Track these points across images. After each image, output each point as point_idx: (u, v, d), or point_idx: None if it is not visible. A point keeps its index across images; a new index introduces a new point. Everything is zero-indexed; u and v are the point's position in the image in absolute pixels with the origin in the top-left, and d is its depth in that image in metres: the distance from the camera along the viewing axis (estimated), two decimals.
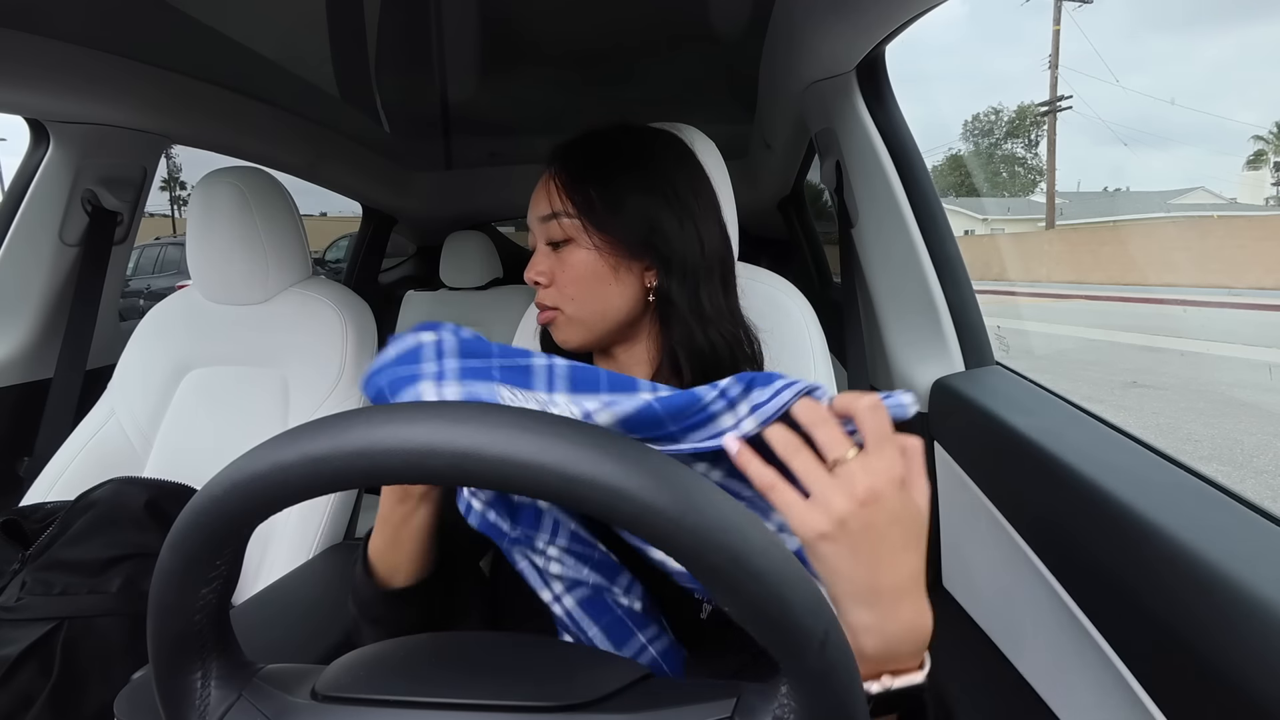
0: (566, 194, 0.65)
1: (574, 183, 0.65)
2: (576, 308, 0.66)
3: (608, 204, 0.64)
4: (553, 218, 0.65)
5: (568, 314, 0.66)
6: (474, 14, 1.21)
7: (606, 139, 0.69)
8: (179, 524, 0.31)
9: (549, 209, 0.66)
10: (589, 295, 0.66)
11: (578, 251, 0.65)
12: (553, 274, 0.66)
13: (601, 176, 0.65)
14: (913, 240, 1.00)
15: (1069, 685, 0.62)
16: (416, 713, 0.33)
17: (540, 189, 0.68)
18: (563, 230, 0.65)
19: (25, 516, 0.94)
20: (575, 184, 0.65)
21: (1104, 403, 5.08)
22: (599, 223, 0.64)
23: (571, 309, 0.66)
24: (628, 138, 0.69)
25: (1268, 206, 30.82)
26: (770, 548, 0.28)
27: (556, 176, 0.66)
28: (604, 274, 0.65)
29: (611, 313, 0.66)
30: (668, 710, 0.33)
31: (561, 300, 0.66)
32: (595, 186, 0.65)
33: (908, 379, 1.03)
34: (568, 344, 0.68)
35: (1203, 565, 0.46)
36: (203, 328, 1.16)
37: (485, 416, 0.28)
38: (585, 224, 0.65)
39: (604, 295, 0.66)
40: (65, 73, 1.13)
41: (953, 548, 0.92)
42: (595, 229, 0.64)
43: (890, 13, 0.84)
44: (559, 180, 0.66)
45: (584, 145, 0.69)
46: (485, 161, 2.32)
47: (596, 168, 0.66)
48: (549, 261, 0.67)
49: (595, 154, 0.68)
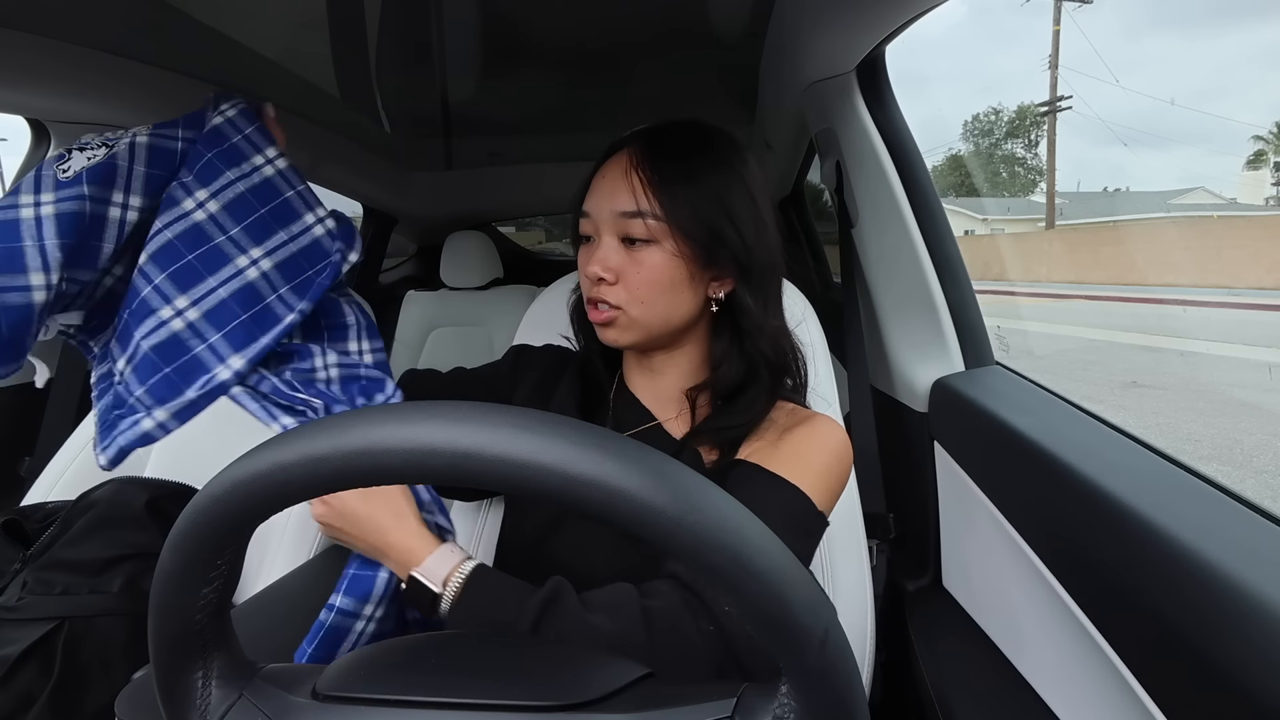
0: (654, 193, 0.61)
1: (663, 182, 0.61)
2: (643, 311, 0.63)
3: (697, 211, 0.61)
4: (637, 216, 0.61)
5: (632, 316, 0.63)
6: (474, 14, 1.21)
7: (691, 135, 0.65)
8: (180, 524, 0.31)
9: (634, 206, 0.61)
10: (660, 300, 0.63)
11: (657, 254, 0.62)
12: (621, 272, 0.62)
13: (690, 178, 0.62)
14: (913, 240, 1.01)
15: (1069, 685, 0.62)
16: (416, 713, 0.33)
17: (619, 179, 0.63)
18: (647, 230, 0.61)
19: (26, 516, 0.95)
20: (664, 184, 0.61)
21: (1104, 403, 5.08)
22: (686, 230, 0.61)
23: (638, 312, 0.63)
24: (708, 136, 0.66)
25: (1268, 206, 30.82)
26: (770, 547, 0.28)
27: (641, 170, 0.62)
28: (679, 281, 0.62)
29: (674, 320, 0.64)
30: (668, 710, 0.33)
31: (629, 302, 0.63)
32: (684, 189, 0.61)
33: (908, 379, 1.03)
34: (618, 343, 0.65)
35: (1202, 565, 0.46)
36: None
37: (485, 416, 0.28)
38: (673, 229, 0.61)
39: (674, 302, 0.63)
40: (65, 73, 1.13)
41: (953, 548, 0.92)
42: (683, 236, 0.61)
43: (890, 13, 0.84)
44: (644, 175, 0.62)
45: (669, 139, 0.64)
46: (485, 161, 2.32)
47: (685, 167, 0.62)
48: (619, 258, 0.62)
49: (683, 151, 0.63)
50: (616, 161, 0.64)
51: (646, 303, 0.63)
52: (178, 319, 0.57)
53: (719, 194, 0.62)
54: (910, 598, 0.96)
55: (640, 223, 0.61)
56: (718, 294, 0.65)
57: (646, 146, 0.63)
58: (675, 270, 0.62)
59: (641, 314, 0.63)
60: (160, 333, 0.57)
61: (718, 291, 0.65)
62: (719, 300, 0.65)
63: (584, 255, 0.65)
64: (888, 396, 1.12)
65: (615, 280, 0.63)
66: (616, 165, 0.64)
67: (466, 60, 1.41)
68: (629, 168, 0.62)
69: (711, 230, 0.61)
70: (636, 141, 0.64)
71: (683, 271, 0.62)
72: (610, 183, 0.63)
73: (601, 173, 0.65)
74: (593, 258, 0.63)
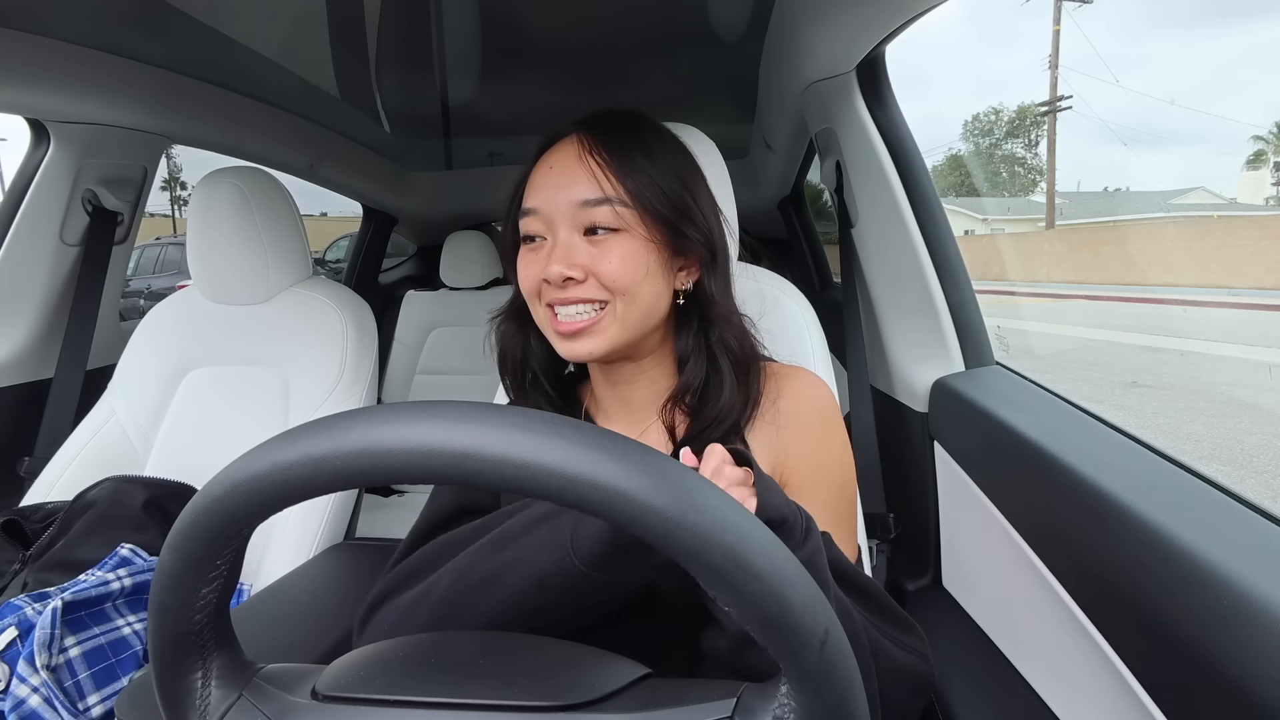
0: (618, 176, 0.57)
1: (625, 164, 0.57)
2: (626, 306, 0.58)
3: (664, 191, 0.58)
4: (604, 203, 0.56)
5: (617, 313, 0.58)
6: (474, 14, 1.21)
7: (636, 118, 0.62)
8: (179, 524, 0.31)
9: (598, 192, 0.56)
10: (641, 291, 0.58)
11: (628, 242, 0.57)
12: (591, 269, 0.57)
13: (651, 157, 0.58)
14: (913, 240, 1.00)
15: (1069, 685, 0.62)
16: (416, 712, 0.33)
17: (572, 166, 0.58)
18: (615, 217, 0.57)
19: (26, 516, 0.95)
20: (626, 165, 0.57)
21: (1104, 402, 5.08)
22: (655, 212, 0.57)
23: (621, 307, 0.57)
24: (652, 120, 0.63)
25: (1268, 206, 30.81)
26: (770, 547, 0.28)
27: (598, 154, 0.57)
28: (654, 270, 0.58)
29: (654, 315, 0.60)
30: (668, 710, 0.33)
31: (610, 297, 0.57)
32: (648, 168, 0.58)
33: (908, 379, 1.03)
34: (592, 355, 0.58)
35: (1202, 565, 0.46)
36: (203, 328, 1.16)
37: (485, 416, 0.28)
38: (642, 213, 0.57)
39: (652, 293, 0.59)
40: (65, 73, 1.13)
41: (952, 547, 0.92)
42: (652, 219, 0.57)
43: (890, 13, 0.84)
44: (603, 158, 0.57)
45: (622, 124, 0.60)
46: (485, 161, 2.32)
47: (643, 147, 0.59)
48: (585, 253, 0.57)
49: (636, 132, 0.60)
50: (563, 150, 0.59)
51: (629, 294, 0.57)
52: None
53: (679, 173, 0.59)
54: (910, 598, 0.96)
55: (607, 209, 0.56)
56: (685, 285, 0.62)
57: (596, 131, 0.59)
58: (649, 257, 0.58)
59: (625, 309, 0.58)
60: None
61: (685, 283, 0.62)
62: (685, 292, 0.62)
63: (532, 259, 0.59)
64: (888, 396, 1.12)
65: (585, 278, 0.57)
66: (564, 153, 0.59)
67: (466, 60, 1.41)
68: (582, 153, 0.58)
69: (679, 210, 0.59)
70: (582, 128, 0.60)
71: (655, 259, 0.58)
72: (562, 173, 0.58)
73: (546, 164, 0.60)
74: (553, 257, 0.57)
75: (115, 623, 0.80)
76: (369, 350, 1.14)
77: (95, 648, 0.76)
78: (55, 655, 0.72)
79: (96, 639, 0.77)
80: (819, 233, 2.28)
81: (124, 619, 0.81)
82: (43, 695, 0.69)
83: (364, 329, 1.14)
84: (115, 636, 0.79)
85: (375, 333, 1.17)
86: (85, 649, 0.75)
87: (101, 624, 0.78)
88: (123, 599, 0.82)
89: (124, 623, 0.81)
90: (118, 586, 0.81)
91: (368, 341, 1.14)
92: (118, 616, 0.81)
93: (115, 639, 0.79)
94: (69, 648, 0.74)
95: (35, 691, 0.69)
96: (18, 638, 0.72)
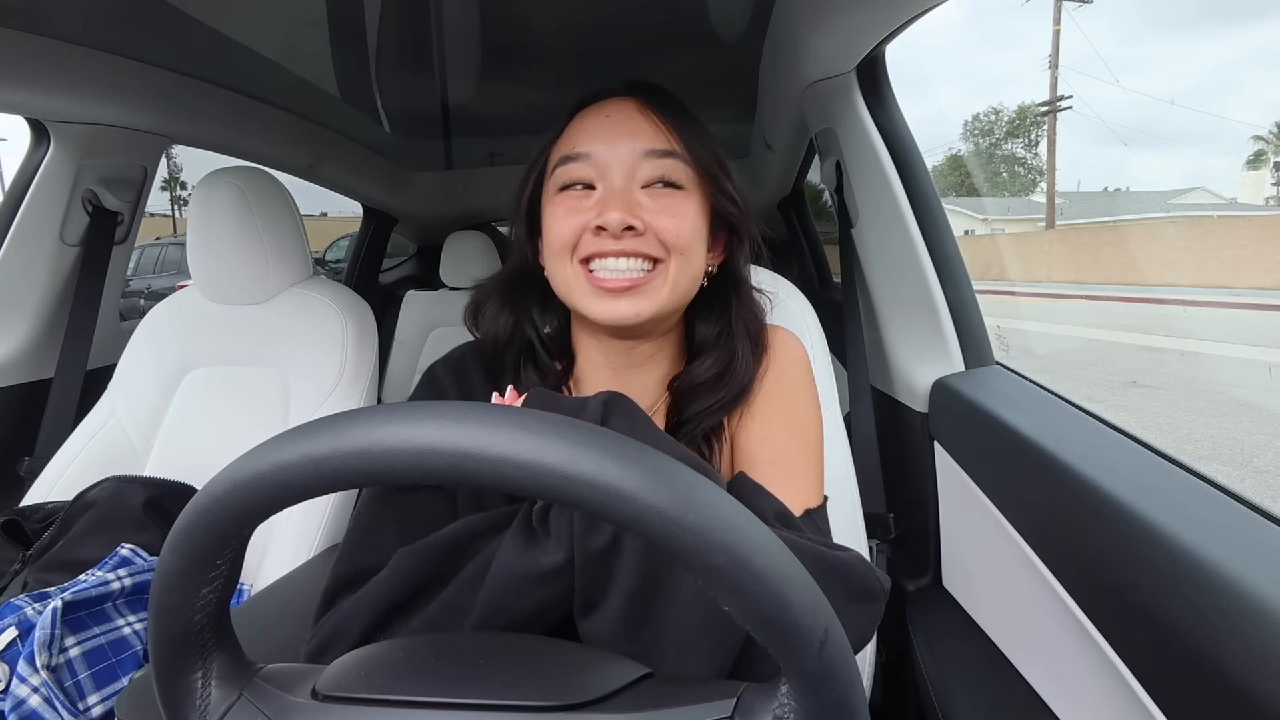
0: (679, 136, 0.54)
1: (685, 127, 0.55)
2: (680, 268, 0.53)
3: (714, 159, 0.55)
4: (670, 156, 0.53)
5: (669, 275, 0.53)
6: (474, 14, 1.21)
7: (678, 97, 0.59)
8: (180, 524, 0.31)
9: (666, 144, 0.53)
10: (693, 255, 0.54)
11: (688, 201, 0.54)
12: (649, 224, 0.52)
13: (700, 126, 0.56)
14: (913, 240, 1.00)
15: (1069, 684, 0.62)
16: (416, 712, 0.33)
17: (634, 118, 0.55)
18: (681, 174, 0.54)
19: (26, 516, 0.95)
20: (687, 129, 0.55)
21: (1104, 402, 5.08)
22: (711, 177, 0.55)
23: (675, 267, 0.53)
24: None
25: (1268, 206, 30.81)
26: (770, 547, 0.28)
27: (659, 111, 0.55)
28: (703, 237, 0.55)
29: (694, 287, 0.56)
30: (668, 710, 0.33)
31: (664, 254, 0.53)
32: (701, 136, 0.55)
33: (908, 379, 1.03)
34: (638, 318, 0.53)
35: (1202, 565, 0.46)
36: (203, 328, 1.16)
37: (485, 416, 0.28)
38: (700, 174, 0.54)
39: (699, 261, 0.55)
40: (65, 73, 1.13)
41: (952, 547, 0.92)
42: (707, 183, 0.55)
43: (890, 13, 0.84)
44: (666, 115, 0.54)
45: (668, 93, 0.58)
46: (485, 161, 2.32)
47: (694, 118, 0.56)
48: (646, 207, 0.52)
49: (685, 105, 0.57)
50: (616, 104, 0.56)
51: (685, 255, 0.53)
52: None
53: (716, 148, 0.58)
54: (910, 598, 0.96)
55: (674, 163, 0.53)
56: (711, 266, 0.60)
57: (647, 93, 0.57)
58: (702, 227, 0.55)
59: (677, 272, 0.53)
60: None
61: (712, 264, 0.60)
62: (709, 274, 0.60)
63: (575, 206, 0.54)
64: (888, 396, 1.12)
65: (644, 231, 0.52)
66: (620, 106, 0.56)
67: (466, 60, 1.41)
68: (643, 107, 0.55)
69: (725, 178, 0.56)
70: (638, 89, 0.57)
71: (704, 227, 0.55)
72: (622, 122, 0.54)
73: (600, 112, 0.56)
74: (610, 203, 0.52)
75: (115, 623, 0.80)
76: (369, 350, 1.14)
77: (95, 648, 0.76)
78: (55, 655, 0.72)
79: (96, 639, 0.77)
80: (819, 233, 2.28)
81: (124, 619, 0.81)
82: (43, 695, 0.69)
83: (364, 329, 1.14)
84: (115, 636, 0.79)
85: (375, 333, 1.17)
86: (85, 649, 0.75)
87: (102, 624, 0.78)
88: (123, 599, 0.82)
89: (124, 623, 0.81)
90: (118, 586, 0.81)
91: (368, 341, 1.14)
92: (118, 616, 0.81)
93: (115, 639, 0.79)
94: (69, 648, 0.74)
95: (35, 691, 0.69)
96: (18, 638, 0.72)
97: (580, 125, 0.56)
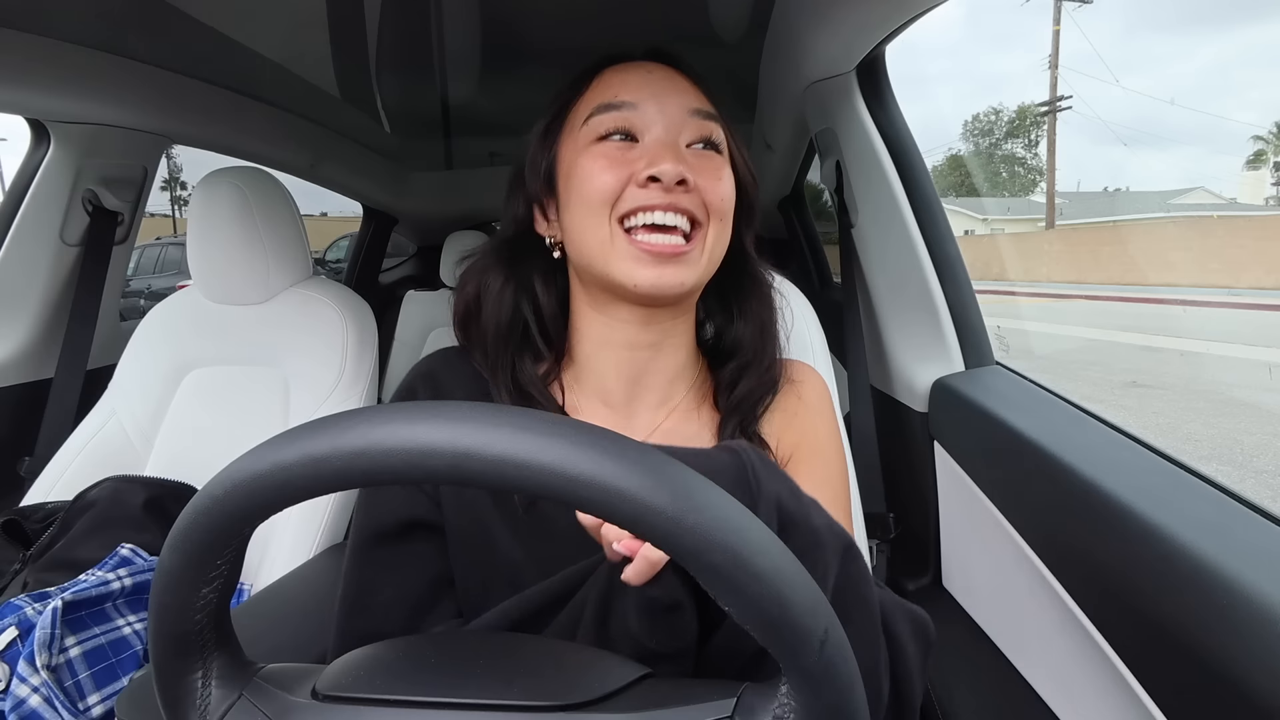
0: (713, 102, 0.53)
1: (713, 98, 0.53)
2: (716, 235, 0.51)
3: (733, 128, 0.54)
4: (714, 119, 0.52)
5: (706, 244, 0.50)
6: (474, 14, 1.21)
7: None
8: (180, 524, 0.31)
9: (710, 107, 0.52)
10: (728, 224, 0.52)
11: (728, 168, 0.52)
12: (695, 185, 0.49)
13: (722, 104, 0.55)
14: (913, 240, 1.01)
15: (1069, 684, 0.62)
16: (416, 712, 0.33)
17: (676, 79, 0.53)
18: (722, 138, 0.52)
19: (26, 516, 0.94)
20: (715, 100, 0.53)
21: (1104, 403, 5.08)
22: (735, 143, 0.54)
23: (713, 235, 0.51)
24: None
25: (1268, 206, 30.81)
26: (770, 547, 0.28)
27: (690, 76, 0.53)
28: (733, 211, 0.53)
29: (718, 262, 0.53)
30: (668, 710, 0.33)
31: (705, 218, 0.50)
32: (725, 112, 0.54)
33: (908, 379, 1.03)
34: (687, 283, 0.50)
35: (1202, 565, 0.46)
36: (203, 328, 1.16)
37: (485, 416, 0.28)
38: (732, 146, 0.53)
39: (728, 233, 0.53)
40: (65, 73, 1.13)
41: (952, 547, 0.92)
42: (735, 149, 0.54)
43: (890, 13, 0.84)
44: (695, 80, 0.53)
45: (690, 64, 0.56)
46: (485, 161, 2.32)
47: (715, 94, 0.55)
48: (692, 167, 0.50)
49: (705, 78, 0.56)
50: (648, 65, 0.54)
51: (724, 221, 0.51)
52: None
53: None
54: (910, 598, 0.96)
55: (717, 127, 0.52)
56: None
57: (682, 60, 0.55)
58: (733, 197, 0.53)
59: (714, 240, 0.51)
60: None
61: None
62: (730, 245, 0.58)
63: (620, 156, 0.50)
64: (888, 396, 1.12)
65: (693, 189, 0.49)
66: (655, 66, 0.53)
67: (466, 60, 1.41)
68: (675, 72, 0.53)
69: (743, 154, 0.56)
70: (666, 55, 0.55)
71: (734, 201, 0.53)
72: (665, 80, 0.52)
73: (641, 68, 0.53)
74: (665, 154, 0.48)
75: (115, 623, 0.80)
76: (369, 350, 1.14)
77: (95, 647, 0.76)
78: (55, 655, 0.72)
79: (97, 639, 0.77)
80: (819, 232, 2.28)
81: (124, 619, 0.81)
82: (43, 695, 0.69)
83: (364, 329, 1.14)
84: (115, 636, 0.79)
85: (375, 333, 1.17)
86: (85, 649, 0.75)
87: (102, 624, 0.78)
88: (123, 599, 0.82)
89: (124, 623, 0.81)
90: (118, 586, 0.81)
91: (368, 341, 1.14)
92: (118, 616, 0.81)
93: (115, 639, 0.79)
94: (69, 648, 0.74)
95: (35, 691, 0.69)
96: (18, 638, 0.72)
97: (620, 77, 0.53)
